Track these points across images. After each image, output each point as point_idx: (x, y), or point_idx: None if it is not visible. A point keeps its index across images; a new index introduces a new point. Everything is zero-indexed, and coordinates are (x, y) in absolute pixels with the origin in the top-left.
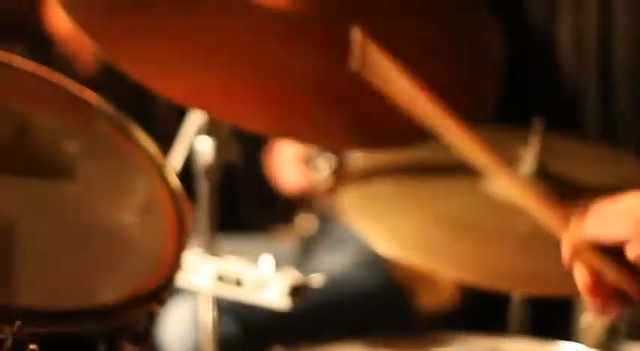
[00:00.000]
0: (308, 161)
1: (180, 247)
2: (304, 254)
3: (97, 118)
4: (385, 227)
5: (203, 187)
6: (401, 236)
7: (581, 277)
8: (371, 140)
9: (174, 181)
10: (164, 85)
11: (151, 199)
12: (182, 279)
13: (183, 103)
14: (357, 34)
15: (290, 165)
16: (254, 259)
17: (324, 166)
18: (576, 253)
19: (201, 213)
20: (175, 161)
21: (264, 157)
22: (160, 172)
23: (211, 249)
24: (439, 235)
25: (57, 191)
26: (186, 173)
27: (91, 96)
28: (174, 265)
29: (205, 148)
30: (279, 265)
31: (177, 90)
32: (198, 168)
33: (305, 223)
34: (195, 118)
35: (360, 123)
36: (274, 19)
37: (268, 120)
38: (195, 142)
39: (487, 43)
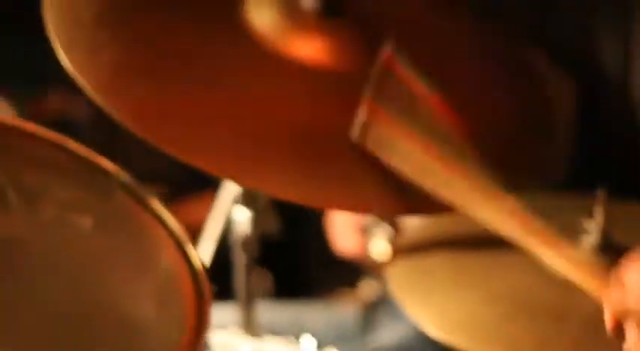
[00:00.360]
0: (365, 229)
1: (198, 335)
2: (366, 321)
3: (113, 188)
4: (433, 305)
5: (240, 260)
6: (449, 316)
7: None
8: (419, 205)
9: (196, 260)
10: (192, 155)
11: (170, 279)
12: None
13: (214, 172)
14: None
15: (346, 232)
16: (310, 327)
17: (381, 236)
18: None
19: (239, 287)
20: (211, 232)
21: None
22: (180, 248)
23: (249, 327)
24: (491, 315)
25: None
26: (223, 245)
27: (107, 163)
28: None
29: (242, 218)
30: (340, 330)
31: (206, 159)
32: (234, 240)
33: (368, 288)
34: (231, 187)
35: (407, 187)
36: (312, 77)
37: (305, 188)
38: (232, 212)
39: (556, 94)
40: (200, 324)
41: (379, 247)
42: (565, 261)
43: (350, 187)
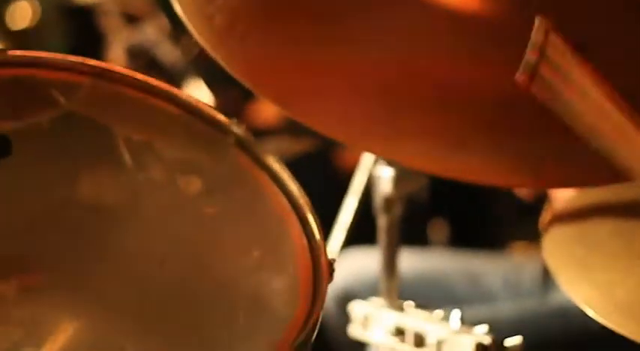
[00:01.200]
0: None
1: (312, 310)
2: (546, 277)
3: (226, 144)
4: (596, 283)
5: (382, 222)
6: (615, 296)
7: None
8: (575, 176)
9: (316, 230)
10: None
11: (285, 249)
12: (355, 333)
13: (340, 139)
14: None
15: None
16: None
17: None
18: None
19: (381, 253)
20: (355, 188)
21: None
22: (300, 216)
23: (390, 298)
24: None
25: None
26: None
27: (220, 116)
28: (302, 331)
29: (385, 176)
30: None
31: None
32: (376, 200)
33: None
34: None
35: (561, 155)
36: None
37: (448, 160)
38: (375, 171)
39: None
40: (313, 302)
41: None
42: None
43: (502, 158)
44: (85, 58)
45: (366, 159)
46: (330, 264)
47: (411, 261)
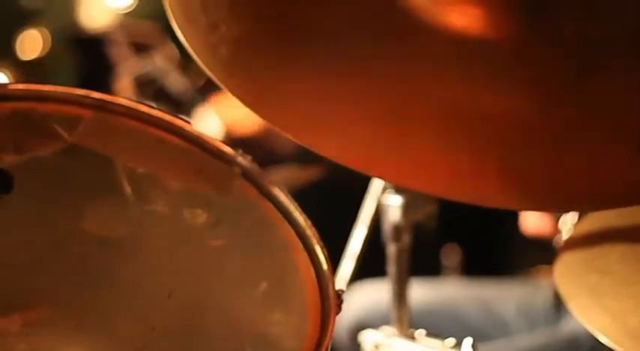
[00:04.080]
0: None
1: (318, 345)
2: (558, 301)
3: (232, 176)
4: (607, 309)
5: (392, 250)
6: (627, 323)
7: None
8: (597, 198)
9: (324, 262)
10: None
11: (291, 281)
12: None
13: (347, 164)
14: None
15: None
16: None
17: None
18: None
19: (391, 282)
20: (364, 217)
21: None
22: (307, 248)
23: (401, 326)
24: None
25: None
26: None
27: (225, 148)
28: None
29: (394, 204)
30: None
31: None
32: (384, 228)
33: None
34: None
35: (581, 178)
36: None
37: (454, 183)
38: (384, 199)
39: None
40: (322, 334)
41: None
42: None
43: (511, 177)
44: (90, 90)
45: (375, 187)
46: (339, 295)
47: (422, 291)
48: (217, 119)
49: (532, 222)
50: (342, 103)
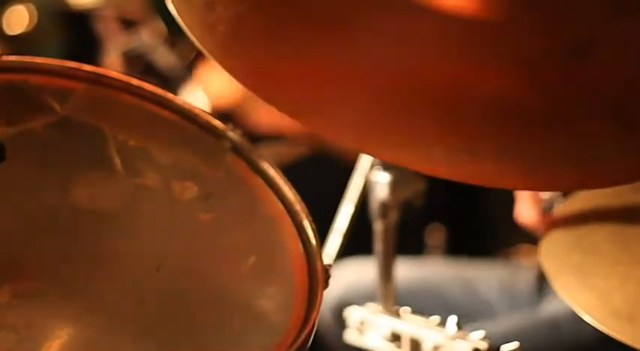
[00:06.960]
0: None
1: (307, 318)
2: (541, 282)
3: (223, 150)
4: (593, 288)
5: (378, 227)
6: (612, 302)
7: None
8: (585, 178)
9: (312, 236)
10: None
11: (279, 255)
12: (351, 338)
13: (344, 143)
14: None
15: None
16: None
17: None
18: None
19: (377, 259)
20: (351, 195)
21: None
22: (296, 222)
23: (386, 303)
24: None
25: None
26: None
27: (216, 121)
28: (298, 337)
29: (382, 182)
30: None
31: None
32: (372, 205)
33: None
34: None
35: (569, 157)
36: (458, 28)
37: (455, 162)
38: (372, 176)
39: None
40: (309, 308)
41: None
42: None
43: (515, 161)
44: (81, 63)
45: (363, 164)
46: (326, 270)
47: (407, 270)
48: (203, 94)
49: (527, 214)
50: (338, 82)
